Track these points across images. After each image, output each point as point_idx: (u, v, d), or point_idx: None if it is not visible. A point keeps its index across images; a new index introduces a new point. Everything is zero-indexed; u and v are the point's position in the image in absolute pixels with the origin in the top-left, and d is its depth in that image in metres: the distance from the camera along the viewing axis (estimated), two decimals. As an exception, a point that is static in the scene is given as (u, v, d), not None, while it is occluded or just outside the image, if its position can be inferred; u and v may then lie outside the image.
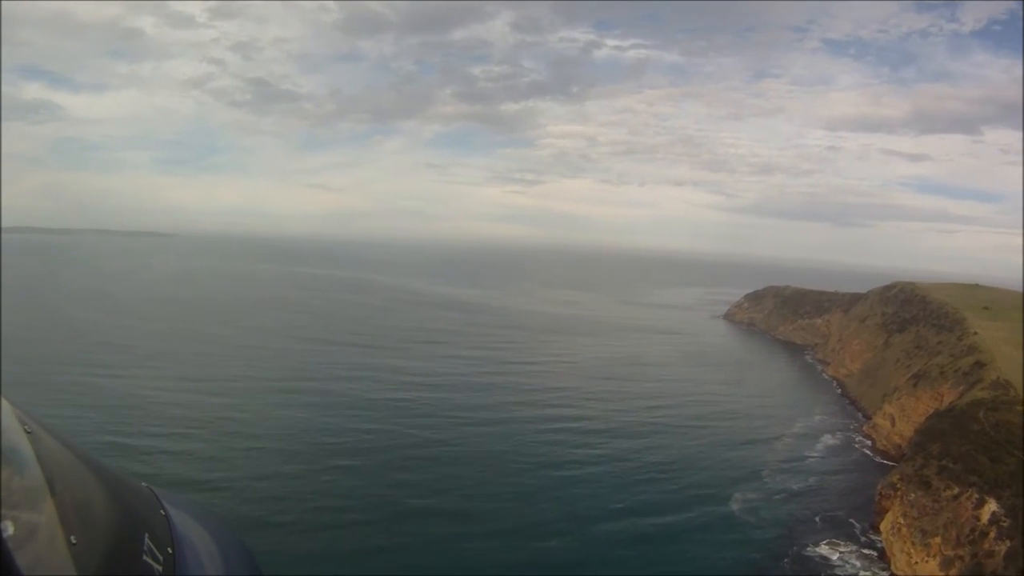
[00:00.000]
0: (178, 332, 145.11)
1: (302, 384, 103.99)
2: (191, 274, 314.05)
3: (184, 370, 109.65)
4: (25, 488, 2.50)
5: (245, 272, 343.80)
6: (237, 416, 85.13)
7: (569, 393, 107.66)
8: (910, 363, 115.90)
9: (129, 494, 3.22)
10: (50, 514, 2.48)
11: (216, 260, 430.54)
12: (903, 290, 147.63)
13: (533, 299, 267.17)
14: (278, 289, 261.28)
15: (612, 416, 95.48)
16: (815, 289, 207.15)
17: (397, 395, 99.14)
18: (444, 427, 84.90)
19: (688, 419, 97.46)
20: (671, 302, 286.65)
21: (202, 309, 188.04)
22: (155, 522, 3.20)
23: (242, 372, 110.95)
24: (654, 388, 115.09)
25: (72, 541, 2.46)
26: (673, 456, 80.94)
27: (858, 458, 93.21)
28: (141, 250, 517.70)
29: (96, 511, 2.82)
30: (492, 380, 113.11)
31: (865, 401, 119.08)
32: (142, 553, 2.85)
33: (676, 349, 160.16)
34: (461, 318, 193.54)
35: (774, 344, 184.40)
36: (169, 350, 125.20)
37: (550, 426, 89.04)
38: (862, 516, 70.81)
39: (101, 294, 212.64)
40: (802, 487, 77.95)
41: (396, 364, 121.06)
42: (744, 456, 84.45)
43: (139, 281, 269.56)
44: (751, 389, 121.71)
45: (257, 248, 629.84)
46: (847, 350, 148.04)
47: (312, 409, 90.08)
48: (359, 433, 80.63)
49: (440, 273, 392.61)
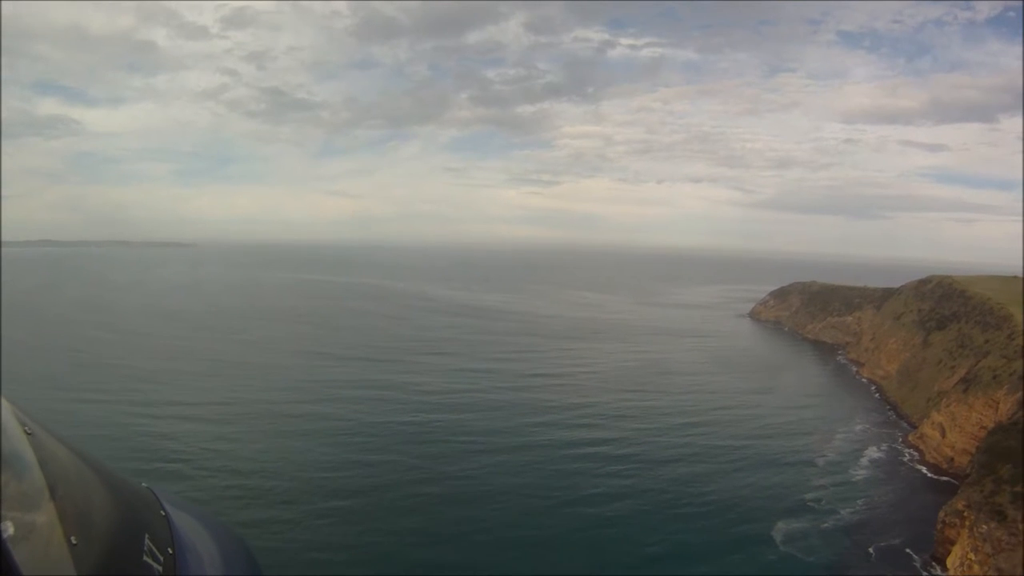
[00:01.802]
0: (173, 350, 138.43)
1: (301, 407, 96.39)
2: (198, 284, 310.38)
3: (174, 393, 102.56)
4: (25, 489, 2.52)
5: (253, 281, 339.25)
6: (225, 448, 77.61)
7: (593, 410, 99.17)
8: (954, 364, 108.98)
9: (129, 494, 3.20)
10: (50, 515, 2.51)
11: (227, 269, 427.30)
12: (940, 284, 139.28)
13: (552, 302, 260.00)
14: (285, 298, 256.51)
15: (640, 437, 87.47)
16: (843, 284, 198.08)
17: (405, 418, 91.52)
18: (455, 456, 77.24)
19: (722, 438, 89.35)
20: (693, 301, 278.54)
21: (203, 322, 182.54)
22: (155, 522, 3.19)
23: (236, 394, 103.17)
24: (683, 401, 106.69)
25: (72, 541, 2.48)
26: (709, 485, 73.04)
27: (907, 474, 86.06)
28: (154, 261, 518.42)
29: (96, 512, 2.83)
30: (509, 397, 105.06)
31: (907, 406, 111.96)
32: (142, 553, 2.87)
33: (702, 353, 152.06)
34: (477, 325, 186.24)
35: (803, 344, 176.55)
36: (161, 370, 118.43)
37: (573, 451, 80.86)
38: (921, 546, 64.01)
39: (99, 307, 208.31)
40: (851, 512, 70.90)
41: (406, 381, 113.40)
42: (786, 480, 76.93)
43: (143, 293, 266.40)
44: (785, 398, 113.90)
45: (273, 256, 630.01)
46: (882, 350, 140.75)
47: (310, 438, 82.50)
48: (361, 467, 73.07)
49: (457, 277, 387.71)
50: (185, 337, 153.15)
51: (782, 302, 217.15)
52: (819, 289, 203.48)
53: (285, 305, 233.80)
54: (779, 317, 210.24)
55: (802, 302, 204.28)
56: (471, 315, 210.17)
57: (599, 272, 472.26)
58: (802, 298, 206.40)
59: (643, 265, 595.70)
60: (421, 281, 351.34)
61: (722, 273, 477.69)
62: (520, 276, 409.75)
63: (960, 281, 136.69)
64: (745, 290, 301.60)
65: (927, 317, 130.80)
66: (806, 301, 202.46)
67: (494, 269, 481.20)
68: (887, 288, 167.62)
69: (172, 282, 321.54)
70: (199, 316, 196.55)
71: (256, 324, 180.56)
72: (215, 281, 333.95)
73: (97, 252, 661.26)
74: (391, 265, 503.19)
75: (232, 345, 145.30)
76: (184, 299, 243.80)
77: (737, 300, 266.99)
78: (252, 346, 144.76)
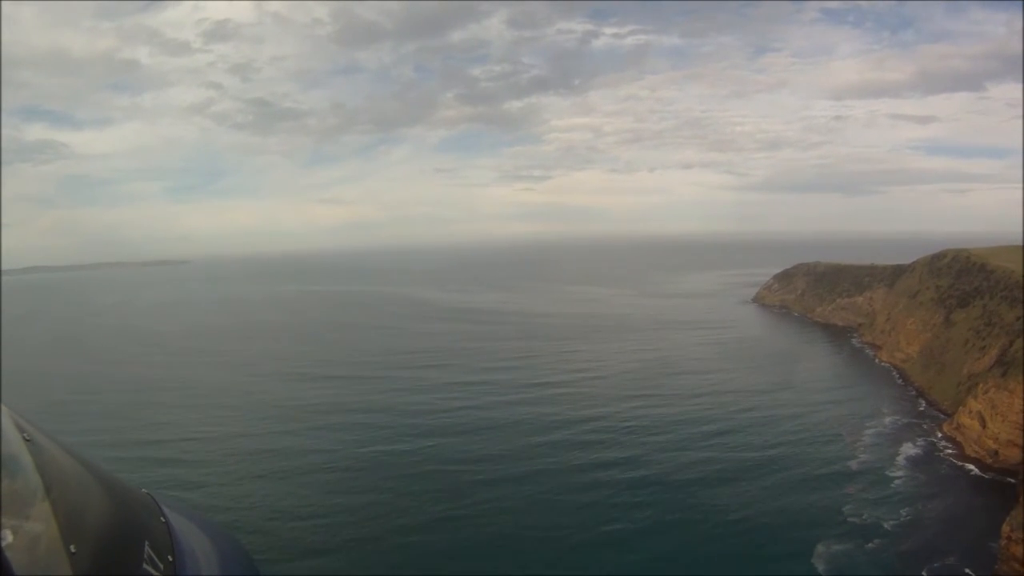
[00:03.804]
0: (140, 379, 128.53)
1: (277, 440, 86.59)
2: (181, 304, 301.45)
3: (133, 431, 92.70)
4: (24, 496, 2.52)
5: (238, 296, 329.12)
6: (191, 496, 67.48)
7: (601, 423, 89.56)
8: (984, 344, 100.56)
9: (129, 500, 3.22)
10: (49, 522, 2.51)
11: (214, 285, 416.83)
12: (956, 259, 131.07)
13: (550, 299, 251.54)
14: (269, 313, 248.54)
15: (656, 455, 78.26)
16: (850, 263, 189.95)
17: (392, 446, 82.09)
18: (449, 492, 67.95)
19: (745, 448, 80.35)
20: (695, 290, 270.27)
21: (175, 345, 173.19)
22: (155, 529, 3.20)
23: (207, 429, 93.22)
24: (698, 407, 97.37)
25: (72, 550, 2.47)
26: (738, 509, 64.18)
27: (951, 473, 77.65)
28: (145, 280, 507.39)
29: (96, 518, 2.84)
30: (508, 413, 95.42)
31: (935, 392, 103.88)
32: (142, 561, 2.87)
33: (711, 348, 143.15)
34: (471, 331, 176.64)
35: (813, 328, 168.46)
36: (125, 403, 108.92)
37: (584, 478, 71.37)
38: (982, 563, 56.23)
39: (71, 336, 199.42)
40: (896, 525, 62.85)
41: (393, 401, 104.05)
42: (820, 494, 68.49)
43: (122, 315, 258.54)
44: (805, 394, 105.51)
45: (265, 268, 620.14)
46: (901, 331, 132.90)
47: (285, 479, 72.86)
48: (342, 512, 63.65)
49: (452, 278, 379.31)
50: (159, 364, 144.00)
51: (787, 285, 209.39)
52: (825, 269, 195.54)
53: (268, 319, 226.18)
54: (785, 301, 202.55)
55: (808, 284, 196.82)
56: (465, 319, 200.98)
57: (596, 265, 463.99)
58: (807, 280, 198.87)
59: (640, 255, 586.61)
60: (414, 285, 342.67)
61: (720, 258, 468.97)
62: (516, 273, 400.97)
63: (978, 254, 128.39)
64: (746, 274, 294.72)
65: (946, 294, 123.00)
66: (812, 283, 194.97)
67: (489, 268, 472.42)
68: (897, 265, 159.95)
69: (155, 302, 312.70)
70: (177, 337, 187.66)
71: (235, 344, 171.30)
72: (199, 299, 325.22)
73: (91, 275, 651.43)
74: (384, 270, 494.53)
75: (206, 370, 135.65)
76: (164, 320, 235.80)
77: (739, 285, 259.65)
78: (228, 369, 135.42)
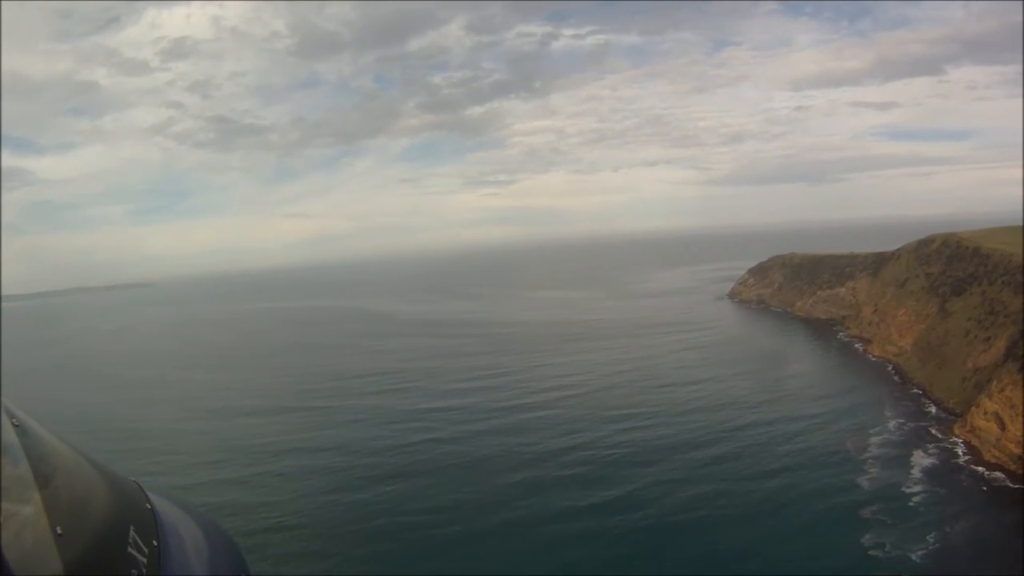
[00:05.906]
0: (76, 422, 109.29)
1: (207, 495, 71.96)
2: (130, 329, 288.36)
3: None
4: (11, 479, 2.57)
5: (192, 318, 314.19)
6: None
7: (584, 454, 77.81)
8: (988, 335, 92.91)
9: (116, 487, 3.26)
10: (36, 505, 2.56)
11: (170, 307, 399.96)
12: (946, 244, 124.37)
13: (519, 306, 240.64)
14: (218, 334, 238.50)
15: (650, 491, 67.13)
16: (827, 253, 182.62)
17: (342, 496, 69.67)
18: (407, 556, 56.52)
19: (746, 477, 69.67)
20: (668, 288, 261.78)
21: (120, 378, 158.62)
22: (141, 515, 3.25)
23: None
24: (689, 426, 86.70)
25: (58, 532, 2.52)
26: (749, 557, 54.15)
27: (971, 483, 69.33)
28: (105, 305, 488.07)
29: (82, 503, 2.90)
30: (476, 447, 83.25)
31: (938, 389, 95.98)
32: (127, 545, 2.92)
33: (693, 351, 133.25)
34: (433, 347, 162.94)
35: (795, 324, 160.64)
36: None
37: (569, 527, 59.61)
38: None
39: (13, 371, 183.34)
40: (924, 555, 54.26)
41: (345, 437, 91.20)
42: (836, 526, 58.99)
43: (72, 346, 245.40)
44: (799, 403, 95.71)
45: (228, 287, 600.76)
46: (891, 323, 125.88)
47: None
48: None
49: (417, 287, 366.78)
50: (95, 403, 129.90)
51: (763, 279, 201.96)
52: (801, 261, 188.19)
53: (218, 341, 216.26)
54: (762, 296, 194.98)
55: (785, 277, 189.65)
56: (427, 334, 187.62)
57: (564, 267, 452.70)
58: (784, 272, 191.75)
59: (609, 254, 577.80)
60: (376, 297, 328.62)
61: (690, 254, 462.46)
62: (482, 280, 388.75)
63: (968, 238, 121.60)
64: (718, 269, 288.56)
65: (938, 282, 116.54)
66: (789, 275, 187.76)
67: (456, 275, 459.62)
68: (878, 252, 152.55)
69: (106, 329, 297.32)
70: (120, 366, 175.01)
71: (175, 374, 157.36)
72: (153, 322, 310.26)
73: (58, 302, 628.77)
74: (347, 283, 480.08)
75: (141, 409, 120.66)
76: (108, 349, 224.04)
77: (712, 280, 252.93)
78: (163, 406, 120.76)
